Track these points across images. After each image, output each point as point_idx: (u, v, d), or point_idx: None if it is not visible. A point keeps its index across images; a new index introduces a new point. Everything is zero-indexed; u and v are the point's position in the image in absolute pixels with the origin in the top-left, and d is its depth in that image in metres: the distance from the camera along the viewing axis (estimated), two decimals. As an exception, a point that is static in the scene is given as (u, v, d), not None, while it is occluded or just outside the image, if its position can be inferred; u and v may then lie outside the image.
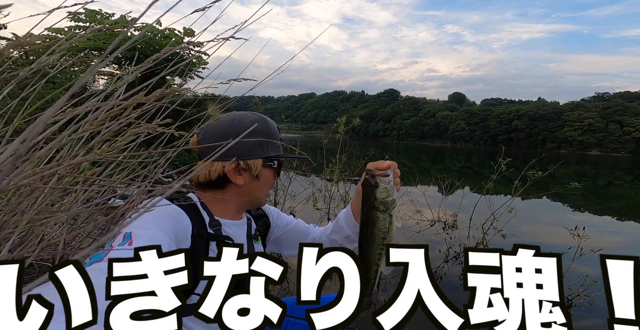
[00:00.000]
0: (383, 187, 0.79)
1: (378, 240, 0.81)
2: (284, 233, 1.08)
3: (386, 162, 0.83)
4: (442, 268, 3.33)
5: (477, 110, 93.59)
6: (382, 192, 0.79)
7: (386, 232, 0.81)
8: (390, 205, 0.80)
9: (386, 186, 0.79)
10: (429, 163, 21.76)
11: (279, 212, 1.11)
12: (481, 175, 6.21)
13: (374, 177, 0.79)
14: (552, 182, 8.47)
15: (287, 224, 1.09)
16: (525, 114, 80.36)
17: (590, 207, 7.74)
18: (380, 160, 0.85)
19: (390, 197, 0.79)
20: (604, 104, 74.65)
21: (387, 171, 0.81)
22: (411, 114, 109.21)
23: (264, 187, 0.90)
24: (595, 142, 69.76)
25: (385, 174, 0.80)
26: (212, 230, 0.81)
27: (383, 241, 0.82)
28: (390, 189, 0.80)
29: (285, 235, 1.09)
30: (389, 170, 0.81)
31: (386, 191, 0.79)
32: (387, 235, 0.81)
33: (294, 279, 2.30)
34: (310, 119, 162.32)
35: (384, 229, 0.81)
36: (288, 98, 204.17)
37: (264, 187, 0.89)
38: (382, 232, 0.81)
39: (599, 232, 4.90)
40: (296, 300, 1.25)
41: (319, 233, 1.10)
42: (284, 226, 1.08)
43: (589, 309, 2.59)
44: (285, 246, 1.11)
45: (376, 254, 0.83)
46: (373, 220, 0.80)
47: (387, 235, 0.81)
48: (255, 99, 4.15)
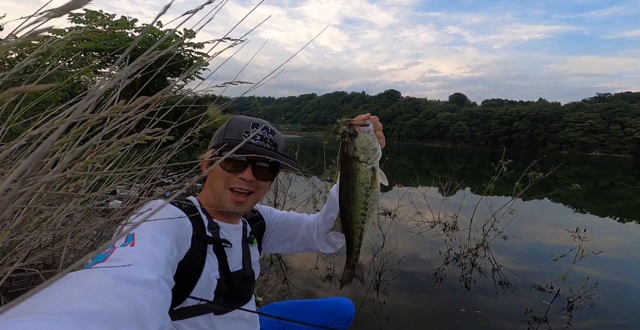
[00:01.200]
0: (363, 136, 0.74)
1: (360, 196, 0.75)
2: (277, 228, 1.07)
3: (365, 114, 0.80)
4: (443, 270, 3.31)
5: (477, 111, 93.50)
6: (363, 141, 0.73)
7: (369, 187, 0.74)
8: (372, 154, 0.74)
9: (366, 135, 0.74)
10: (429, 164, 21.71)
11: (271, 209, 1.11)
12: (482, 177, 6.20)
13: (351, 127, 0.74)
14: (553, 184, 8.44)
15: (279, 218, 1.09)
16: (526, 114, 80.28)
17: (591, 208, 7.70)
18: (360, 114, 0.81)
19: (371, 146, 0.74)
20: (605, 104, 74.52)
21: (367, 121, 0.76)
22: (412, 115, 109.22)
23: (215, 180, 0.84)
24: (596, 143, 69.62)
25: (364, 123, 0.75)
26: (210, 233, 0.81)
27: (366, 199, 0.75)
28: (370, 138, 0.74)
29: (279, 230, 1.08)
30: (368, 121, 0.76)
31: (366, 140, 0.74)
32: (370, 192, 0.75)
33: (294, 281, 2.30)
34: (311, 119, 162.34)
35: (365, 183, 0.74)
36: (289, 99, 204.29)
37: (215, 179, 0.84)
38: (364, 187, 0.74)
39: (601, 234, 4.87)
40: (293, 304, 1.24)
41: (313, 219, 1.08)
42: (277, 221, 1.08)
43: (590, 311, 2.56)
44: (281, 241, 1.09)
45: (359, 214, 0.77)
46: (354, 173, 0.74)
47: (370, 191, 0.75)
48: (255, 100, 4.14)
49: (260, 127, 0.86)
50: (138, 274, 0.47)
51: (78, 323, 0.32)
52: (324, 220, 1.00)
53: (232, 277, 0.83)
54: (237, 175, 0.82)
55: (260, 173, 0.84)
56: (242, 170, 0.82)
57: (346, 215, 0.78)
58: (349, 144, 0.74)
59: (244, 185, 0.82)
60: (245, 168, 0.82)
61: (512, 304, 2.66)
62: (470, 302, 2.65)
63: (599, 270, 3.31)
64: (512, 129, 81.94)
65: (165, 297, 0.48)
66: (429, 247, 3.97)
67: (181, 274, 0.68)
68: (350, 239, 0.81)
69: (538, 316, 2.47)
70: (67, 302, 0.35)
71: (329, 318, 1.13)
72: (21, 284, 0.72)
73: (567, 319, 2.45)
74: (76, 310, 0.34)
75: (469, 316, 2.45)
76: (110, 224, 0.87)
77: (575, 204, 7.78)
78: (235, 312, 0.85)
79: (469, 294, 2.84)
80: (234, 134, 0.83)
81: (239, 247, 0.90)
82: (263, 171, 0.85)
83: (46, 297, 0.36)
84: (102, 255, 0.52)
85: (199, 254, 0.76)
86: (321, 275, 3.01)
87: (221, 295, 0.80)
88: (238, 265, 0.88)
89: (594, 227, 4.52)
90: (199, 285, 0.75)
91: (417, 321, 2.36)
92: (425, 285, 2.95)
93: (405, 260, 3.45)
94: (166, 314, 0.46)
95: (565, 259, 2.91)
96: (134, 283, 0.44)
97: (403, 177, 6.07)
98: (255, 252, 0.97)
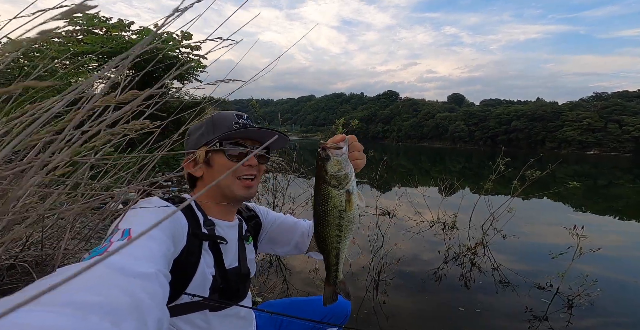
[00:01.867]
0: (334, 160, 0.72)
1: (333, 219, 0.75)
2: (273, 230, 1.08)
3: (341, 135, 0.79)
4: (442, 269, 3.30)
5: (476, 111, 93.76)
6: (334, 166, 0.72)
7: (342, 210, 0.74)
8: (344, 180, 0.73)
9: (338, 159, 0.73)
10: (428, 164, 21.73)
11: (267, 210, 1.12)
12: (481, 176, 6.19)
13: (324, 150, 0.73)
14: (552, 183, 8.44)
15: (275, 220, 1.09)
16: (524, 114, 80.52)
17: (590, 207, 7.71)
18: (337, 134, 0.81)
19: (342, 170, 0.73)
20: (602, 103, 74.84)
21: (340, 144, 0.75)
22: (410, 116, 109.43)
23: (221, 174, 0.84)
24: (594, 141, 69.83)
25: (337, 146, 0.74)
26: (206, 230, 0.81)
27: (340, 221, 0.75)
28: (342, 162, 0.73)
29: (275, 232, 1.09)
30: (342, 143, 0.75)
31: (337, 164, 0.72)
32: (344, 215, 0.75)
33: (293, 282, 2.30)
34: (310, 121, 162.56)
35: (339, 206, 0.74)
36: (287, 101, 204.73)
37: (220, 173, 0.84)
38: (337, 210, 0.74)
39: (600, 232, 4.88)
40: (289, 302, 1.24)
41: (307, 226, 1.10)
42: (272, 223, 1.09)
43: (590, 309, 2.56)
44: (276, 243, 1.10)
45: (333, 236, 0.77)
46: (325, 197, 0.74)
47: (344, 214, 0.75)
48: (252, 102, 4.15)
49: (244, 117, 0.90)
50: (137, 267, 0.47)
51: (78, 315, 0.32)
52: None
53: (227, 274, 0.83)
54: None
55: (261, 157, 0.91)
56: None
57: (320, 236, 0.79)
58: (320, 169, 0.74)
59: (251, 170, 0.88)
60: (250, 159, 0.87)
61: (512, 303, 2.65)
62: (470, 301, 2.65)
63: (598, 268, 3.31)
64: (510, 129, 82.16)
65: (163, 290, 0.48)
66: (428, 247, 3.97)
67: (176, 270, 0.68)
68: (327, 258, 0.82)
69: (538, 315, 2.46)
70: (66, 293, 0.35)
71: (325, 315, 1.13)
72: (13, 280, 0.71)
73: (567, 317, 2.45)
74: (76, 302, 0.33)
75: (469, 315, 2.44)
76: (102, 220, 0.87)
77: (575, 203, 7.80)
78: (231, 309, 0.85)
79: (469, 293, 2.84)
80: (225, 128, 0.85)
81: (235, 244, 0.90)
82: (262, 155, 0.92)
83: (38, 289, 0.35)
84: (99, 249, 0.52)
85: (194, 251, 0.76)
86: (321, 276, 3.00)
87: (216, 292, 0.80)
88: (234, 263, 0.88)
89: (593, 226, 4.53)
90: (194, 282, 0.75)
91: (417, 320, 2.36)
92: (424, 285, 2.94)
93: (404, 259, 3.45)
94: (164, 307, 0.46)
95: (564, 257, 2.91)
96: (132, 276, 0.44)
97: (402, 177, 6.06)
98: (251, 249, 0.97)
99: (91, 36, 4.41)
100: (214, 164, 0.85)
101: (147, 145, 0.84)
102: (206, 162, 0.86)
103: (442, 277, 3.10)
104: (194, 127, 0.90)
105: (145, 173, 0.82)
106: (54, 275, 0.41)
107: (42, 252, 0.67)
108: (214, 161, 0.85)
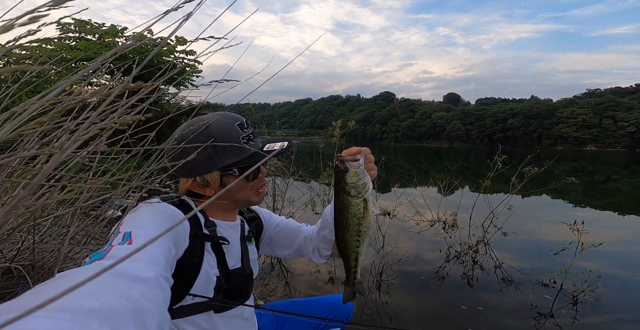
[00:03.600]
0: (353, 172, 0.79)
1: (353, 226, 0.81)
2: (276, 233, 1.08)
3: (356, 147, 0.84)
4: (444, 268, 3.28)
5: (472, 110, 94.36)
6: (352, 177, 0.79)
7: (361, 217, 0.81)
8: (362, 189, 0.80)
9: (356, 171, 0.79)
10: (427, 164, 21.77)
11: (270, 213, 1.11)
12: (479, 175, 6.19)
13: (343, 163, 0.80)
14: (550, 180, 8.46)
15: (278, 224, 1.09)
16: (520, 112, 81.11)
17: (590, 203, 7.73)
18: (352, 146, 0.86)
19: (361, 181, 0.79)
20: (596, 100, 75.58)
21: (357, 156, 0.81)
22: (407, 116, 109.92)
23: (240, 191, 0.85)
24: (590, 137, 70.37)
25: (354, 159, 0.80)
26: (207, 231, 0.81)
27: (359, 227, 0.82)
28: (360, 173, 0.80)
29: (277, 235, 1.08)
30: (358, 155, 0.82)
31: (356, 175, 0.79)
32: (363, 221, 0.81)
33: (295, 285, 2.27)
34: (307, 124, 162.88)
35: (358, 214, 0.80)
36: (284, 104, 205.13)
37: (239, 191, 0.85)
38: (356, 217, 0.81)
39: (601, 227, 4.88)
40: (290, 302, 1.24)
41: (310, 231, 1.10)
42: (275, 226, 1.08)
43: (596, 305, 2.54)
44: (278, 246, 1.10)
45: (353, 240, 0.83)
46: (345, 206, 0.80)
47: (363, 221, 0.81)
48: (249, 105, 4.14)
49: (245, 125, 0.84)
50: (137, 271, 0.46)
51: (77, 320, 0.31)
52: (317, 237, 1.05)
53: (230, 275, 0.82)
54: (257, 177, 0.89)
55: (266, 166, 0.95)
56: (260, 172, 0.90)
57: (341, 242, 0.85)
58: (339, 180, 0.80)
59: (263, 181, 0.91)
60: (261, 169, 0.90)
61: (517, 300, 2.64)
62: (473, 300, 2.63)
63: (600, 264, 3.30)
64: (506, 127, 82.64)
65: (164, 294, 0.48)
66: (429, 246, 3.95)
67: (180, 271, 0.67)
68: (347, 261, 0.88)
69: (543, 312, 2.44)
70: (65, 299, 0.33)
71: (327, 314, 1.12)
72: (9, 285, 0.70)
73: (573, 314, 2.43)
74: (75, 307, 0.33)
75: (472, 314, 2.42)
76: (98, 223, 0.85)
77: (574, 199, 7.81)
78: (234, 311, 0.84)
79: (472, 291, 2.82)
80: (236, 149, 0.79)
81: (237, 245, 0.89)
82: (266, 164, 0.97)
83: (44, 295, 0.35)
84: (99, 254, 0.51)
85: (197, 252, 0.76)
86: (323, 278, 2.98)
87: (220, 292, 0.79)
88: (237, 263, 0.87)
89: (593, 221, 4.53)
90: (197, 283, 0.74)
91: (420, 320, 2.33)
92: (427, 284, 2.92)
93: (406, 259, 3.43)
94: (165, 312, 0.45)
95: (566, 253, 2.90)
96: (132, 280, 0.44)
97: (401, 178, 6.06)
98: (253, 250, 0.97)
99: (84, 42, 4.40)
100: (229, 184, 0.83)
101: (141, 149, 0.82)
102: (222, 185, 0.83)
103: (445, 276, 3.08)
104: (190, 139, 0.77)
105: (141, 177, 0.81)
106: (53, 280, 0.40)
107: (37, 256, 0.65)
108: (228, 182, 0.83)
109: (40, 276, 0.74)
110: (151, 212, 0.68)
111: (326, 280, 2.93)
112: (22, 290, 0.74)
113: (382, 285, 2.85)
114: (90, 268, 0.46)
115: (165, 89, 3.57)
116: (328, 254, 1.07)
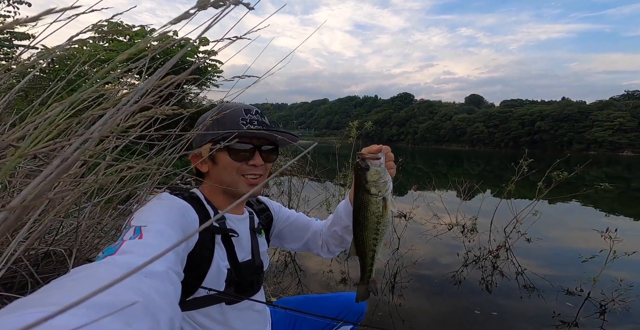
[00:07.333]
0: (374, 170, 0.78)
1: (371, 224, 0.80)
2: (285, 227, 1.08)
3: (377, 145, 0.82)
4: (462, 272, 3.19)
5: (496, 112, 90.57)
6: (373, 175, 0.78)
7: (380, 216, 0.80)
8: (382, 187, 0.78)
9: (377, 169, 0.78)
10: (446, 167, 21.14)
11: (280, 206, 1.12)
12: (502, 179, 5.90)
13: (364, 160, 0.78)
14: (581, 186, 7.96)
15: (288, 217, 1.09)
16: (549, 114, 76.91)
17: (624, 211, 7.20)
18: (372, 144, 0.84)
19: (382, 179, 0.78)
20: (635, 102, 70.14)
21: (378, 154, 0.80)
22: (426, 118, 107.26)
23: (225, 171, 0.84)
24: (627, 142, 65.43)
25: (375, 157, 0.79)
26: (216, 224, 0.82)
27: (377, 226, 0.81)
28: (381, 172, 0.78)
29: (287, 229, 1.09)
30: (379, 153, 0.80)
31: (377, 174, 0.78)
32: (381, 220, 0.80)
33: (308, 283, 2.30)
34: (324, 125, 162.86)
35: (377, 212, 0.79)
36: (301, 105, 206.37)
37: (224, 170, 0.84)
38: (375, 216, 0.79)
39: (636, 236, 4.54)
40: (303, 298, 1.24)
41: (321, 226, 1.10)
42: (285, 220, 1.09)
43: (625, 314, 2.38)
44: (287, 240, 1.11)
45: (371, 239, 0.82)
46: (365, 204, 0.79)
47: (381, 219, 0.80)
48: (267, 105, 4.23)
49: (253, 112, 0.87)
50: (148, 266, 0.46)
51: (91, 314, 0.31)
52: (328, 232, 1.04)
53: (241, 267, 0.84)
54: (247, 162, 0.85)
55: (267, 156, 0.88)
56: (252, 157, 0.85)
57: (359, 240, 0.84)
58: (360, 178, 0.79)
59: (256, 170, 0.86)
60: (254, 154, 0.85)
61: (538, 308, 2.52)
62: (492, 306, 2.54)
63: (633, 273, 3.08)
64: (534, 130, 78.57)
65: (175, 288, 0.48)
66: (446, 250, 3.85)
67: (192, 264, 0.69)
68: (364, 260, 0.87)
69: (567, 320, 2.32)
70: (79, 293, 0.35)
71: (340, 312, 1.12)
72: (47, 270, 0.76)
73: (600, 323, 2.29)
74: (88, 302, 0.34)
75: (490, 319, 2.34)
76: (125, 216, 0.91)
77: (607, 207, 7.30)
78: (245, 303, 0.86)
79: (490, 297, 2.72)
80: (231, 124, 0.83)
81: (247, 237, 0.90)
82: (269, 153, 0.89)
83: (59, 289, 0.36)
84: (112, 249, 0.53)
85: (207, 244, 0.77)
86: (336, 278, 2.98)
87: (232, 285, 0.81)
88: (247, 256, 0.88)
89: (627, 230, 4.23)
90: (209, 275, 0.76)
91: (434, 324, 2.28)
92: (443, 288, 2.85)
93: (421, 262, 3.36)
94: (176, 306, 0.45)
95: (594, 262, 2.74)
96: (143, 275, 0.44)
97: (418, 180, 5.92)
98: (263, 242, 0.98)
99: (116, 43, 4.68)
100: (219, 162, 0.85)
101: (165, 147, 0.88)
102: (211, 159, 0.85)
103: (461, 281, 2.99)
104: (204, 116, 0.89)
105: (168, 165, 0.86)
106: (68, 275, 0.41)
107: (76, 241, 0.71)
108: (218, 158, 0.84)
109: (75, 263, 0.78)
110: (161, 207, 0.69)
111: (339, 280, 2.94)
112: (59, 274, 0.80)
113: (396, 288, 2.81)
114: (103, 263, 0.48)
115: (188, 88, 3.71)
116: (337, 250, 1.07)
